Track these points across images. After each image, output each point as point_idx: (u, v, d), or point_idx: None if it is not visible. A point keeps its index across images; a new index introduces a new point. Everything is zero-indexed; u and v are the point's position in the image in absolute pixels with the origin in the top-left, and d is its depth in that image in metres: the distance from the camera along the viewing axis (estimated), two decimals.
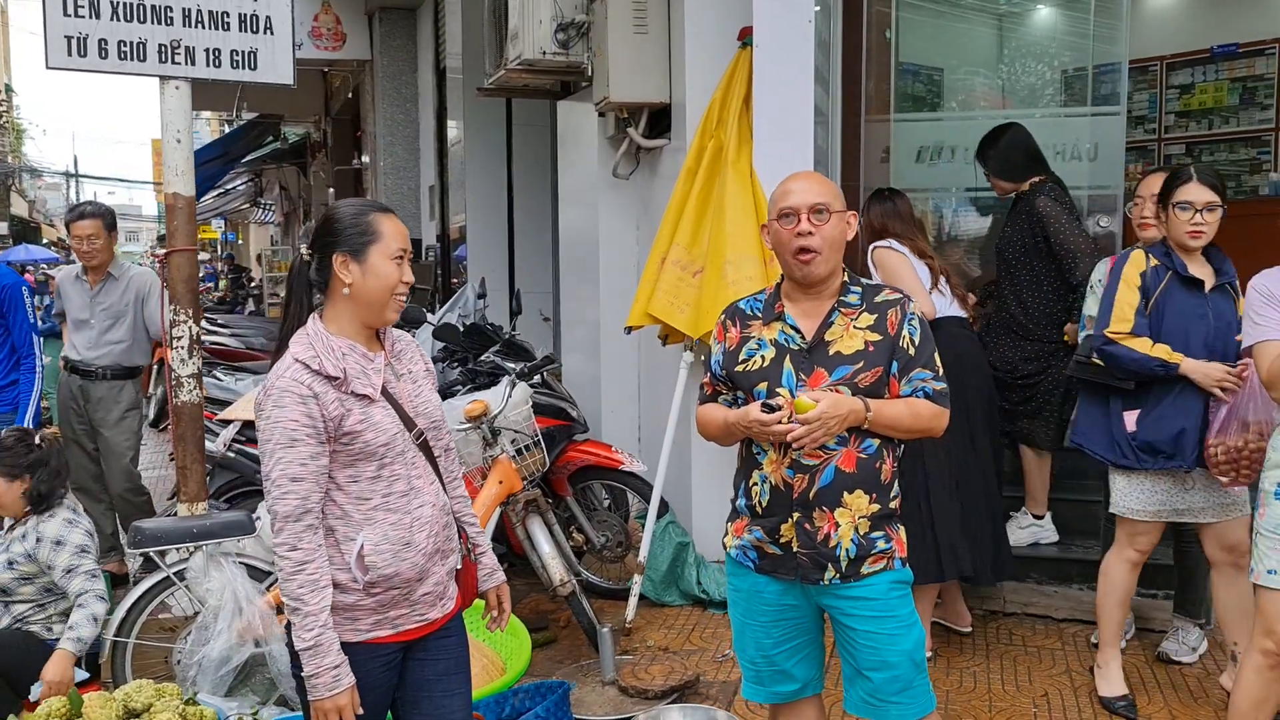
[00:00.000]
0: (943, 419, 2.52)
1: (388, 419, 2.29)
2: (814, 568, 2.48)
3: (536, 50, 5.34)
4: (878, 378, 2.46)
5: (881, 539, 2.49)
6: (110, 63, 3.81)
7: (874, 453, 2.47)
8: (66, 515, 3.68)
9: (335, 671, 2.20)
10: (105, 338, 5.21)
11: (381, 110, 11.36)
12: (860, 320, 2.50)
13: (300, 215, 21.17)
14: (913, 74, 6.26)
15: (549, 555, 4.12)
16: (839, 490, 2.45)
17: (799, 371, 2.47)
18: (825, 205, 2.46)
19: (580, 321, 6.29)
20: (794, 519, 2.48)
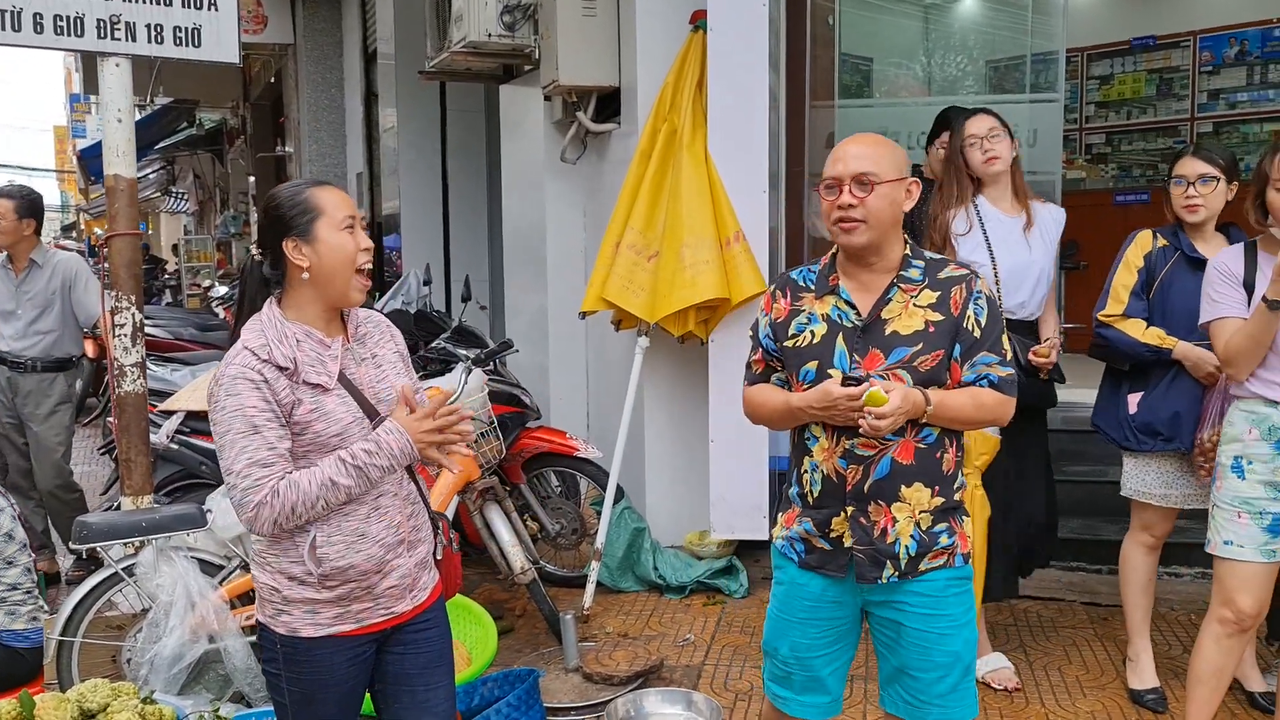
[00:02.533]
0: (1008, 408, 2.35)
1: (342, 408, 2.19)
2: (871, 565, 2.31)
3: (482, 33, 5.26)
4: (938, 361, 2.27)
5: (945, 534, 2.33)
6: (46, 37, 3.64)
7: (934, 442, 2.30)
8: None
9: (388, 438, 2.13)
10: (33, 328, 5.00)
11: (305, 96, 11.09)
12: (921, 298, 2.30)
13: (216, 204, 20.64)
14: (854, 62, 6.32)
15: (509, 544, 4.06)
16: (896, 484, 2.28)
17: (853, 352, 2.30)
18: (870, 175, 2.25)
19: (525, 309, 6.23)
20: (848, 513, 2.32)
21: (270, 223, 2.22)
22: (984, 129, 3.57)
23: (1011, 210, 3.62)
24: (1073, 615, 4.35)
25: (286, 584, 2.21)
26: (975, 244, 3.61)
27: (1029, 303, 3.60)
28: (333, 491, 2.11)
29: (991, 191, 3.64)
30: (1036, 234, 3.60)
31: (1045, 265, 3.60)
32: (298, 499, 2.09)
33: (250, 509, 2.09)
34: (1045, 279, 3.61)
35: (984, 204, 3.63)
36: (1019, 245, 3.58)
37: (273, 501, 2.08)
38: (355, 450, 2.13)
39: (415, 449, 2.15)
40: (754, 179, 4.45)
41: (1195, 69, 8.61)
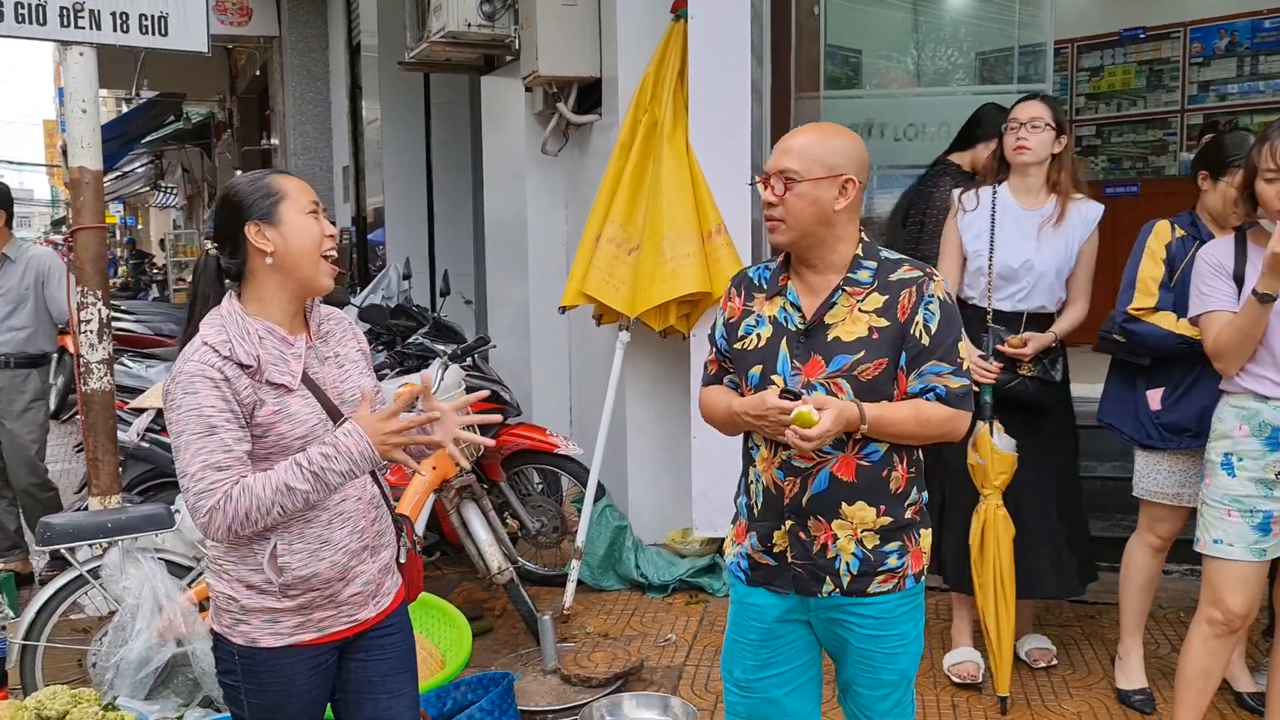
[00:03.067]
0: (959, 423, 2.17)
1: (306, 409, 2.10)
2: (810, 580, 2.21)
3: (461, 22, 5.18)
4: (881, 370, 2.13)
5: (894, 554, 2.19)
6: (6, 25, 3.54)
7: (879, 460, 2.16)
8: None
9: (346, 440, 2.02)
10: (6, 324, 4.91)
11: (291, 89, 11.00)
12: (868, 302, 2.16)
13: (204, 198, 20.49)
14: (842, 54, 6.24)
15: (486, 543, 3.99)
16: (835, 500, 2.16)
17: (794, 358, 2.17)
18: (791, 172, 2.13)
19: (507, 303, 6.14)
20: (786, 526, 2.21)
21: (230, 210, 2.12)
22: (1026, 116, 3.48)
23: (1033, 203, 3.53)
24: (1059, 613, 4.29)
25: (245, 593, 2.12)
26: (979, 229, 3.55)
27: (1024, 297, 3.52)
28: (288, 497, 2.01)
29: (1017, 181, 3.55)
30: (1055, 231, 3.49)
31: (1054, 263, 3.49)
32: (251, 504, 2.00)
33: (203, 514, 2.00)
34: (1054, 277, 3.51)
35: (1003, 191, 3.56)
36: (1026, 239, 3.50)
37: (225, 507, 1.99)
38: (312, 454, 2.03)
39: (376, 452, 2.05)
40: (736, 171, 4.37)
41: (1185, 61, 8.55)
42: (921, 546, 2.25)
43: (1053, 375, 3.51)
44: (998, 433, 3.42)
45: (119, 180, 24.15)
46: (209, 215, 2.26)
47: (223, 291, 2.17)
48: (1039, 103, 3.50)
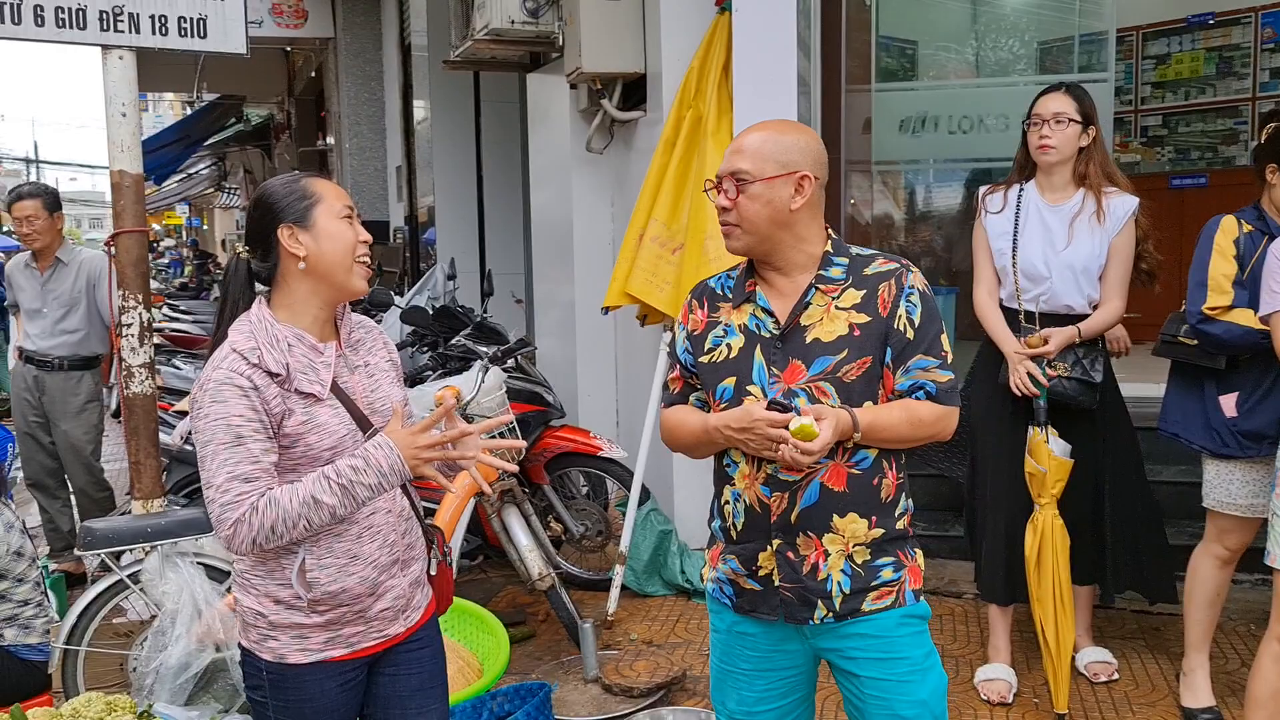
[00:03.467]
0: (950, 420, 2.07)
1: (335, 420, 2.05)
2: (800, 605, 2.06)
3: (505, 19, 5.12)
4: (866, 369, 2.02)
5: (888, 568, 2.06)
6: (48, 31, 3.56)
7: (869, 467, 2.05)
8: None
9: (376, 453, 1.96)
10: (59, 327, 4.97)
11: (345, 89, 11.07)
12: (844, 298, 2.05)
13: None
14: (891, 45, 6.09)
15: (526, 548, 3.93)
16: (826, 512, 2.03)
17: (771, 364, 2.05)
18: (743, 173, 2.03)
19: (554, 303, 6.09)
20: (773, 547, 2.07)
21: (263, 212, 2.08)
22: (1049, 111, 3.31)
23: (1060, 198, 3.37)
24: (1121, 624, 4.11)
25: (273, 608, 2.07)
26: (1003, 229, 3.41)
27: (1050, 298, 3.35)
28: (315, 511, 1.95)
29: (1043, 178, 3.40)
30: (1087, 225, 3.32)
31: (1082, 261, 3.32)
32: (278, 518, 1.94)
33: (228, 526, 1.94)
34: (1083, 275, 3.34)
35: (1030, 189, 3.41)
36: (1051, 237, 3.34)
37: (251, 520, 1.93)
38: (341, 466, 1.97)
39: (407, 467, 1.99)
40: None
41: (1256, 46, 8.22)
42: (918, 564, 2.12)
43: (1092, 376, 3.32)
44: (1053, 438, 3.28)
45: (184, 182, 24.61)
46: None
47: (253, 296, 2.12)
48: (1063, 95, 3.33)
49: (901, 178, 6.04)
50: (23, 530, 3.54)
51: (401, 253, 9.99)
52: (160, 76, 14.10)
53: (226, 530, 1.95)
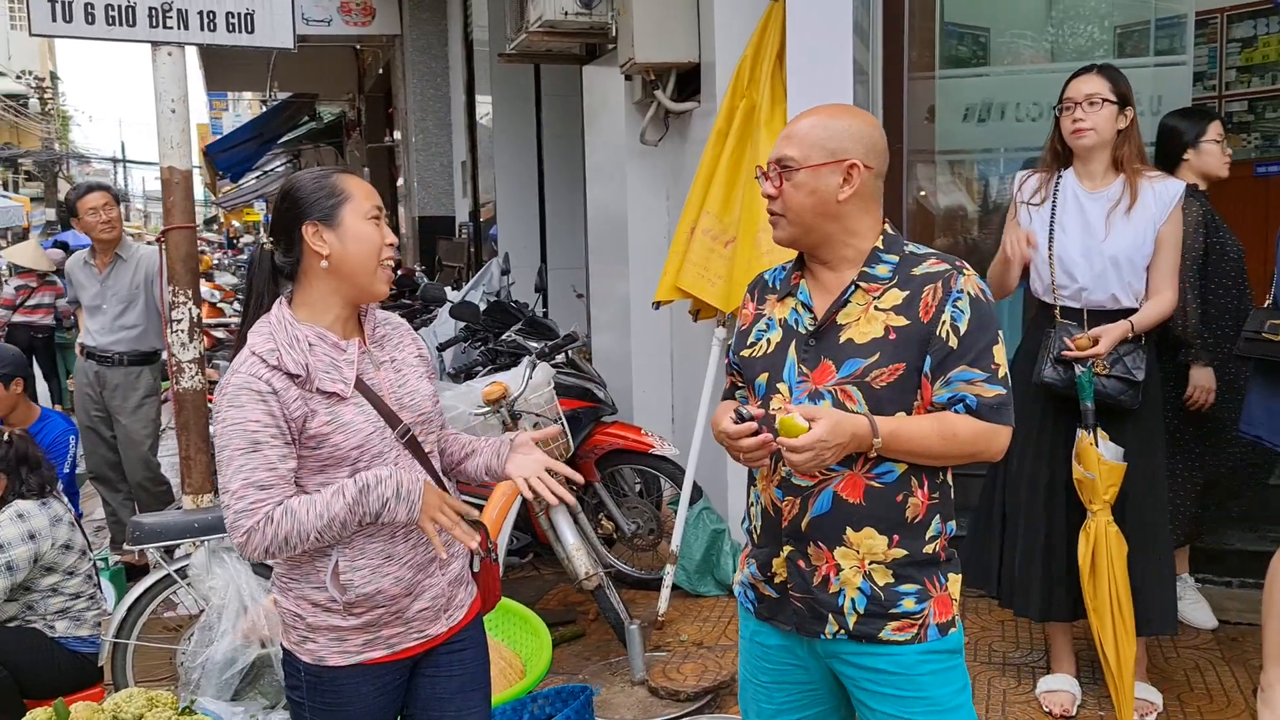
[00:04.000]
0: (995, 440, 1.89)
1: (361, 418, 2.01)
2: (811, 617, 1.95)
3: (558, 11, 5.06)
4: (898, 377, 1.87)
5: (910, 597, 1.90)
6: (98, 28, 3.58)
7: (894, 482, 1.89)
8: (15, 509, 3.44)
9: (397, 482, 1.95)
10: (118, 323, 5.04)
11: (412, 85, 11.14)
12: (886, 299, 1.90)
13: None
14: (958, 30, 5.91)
15: (574, 547, 3.86)
16: (839, 524, 1.90)
17: (802, 363, 1.94)
18: (789, 160, 1.92)
19: (611, 297, 6.02)
20: (785, 553, 1.96)
21: (289, 206, 2.04)
22: (1081, 93, 3.13)
23: (1098, 185, 3.18)
24: (1195, 634, 3.92)
25: (310, 610, 2.04)
26: (1042, 219, 3.24)
27: (1092, 290, 3.16)
28: (329, 527, 1.93)
29: (1079, 165, 3.22)
30: (1125, 215, 3.12)
31: (1123, 251, 3.12)
32: (292, 529, 1.92)
33: (241, 534, 1.92)
34: (1126, 267, 3.14)
35: (1068, 177, 3.23)
36: (1090, 227, 3.15)
37: (265, 529, 1.91)
38: (359, 484, 1.94)
39: (419, 513, 1.98)
40: None
41: None
42: (950, 593, 1.95)
43: (1133, 374, 3.11)
44: (1104, 442, 3.09)
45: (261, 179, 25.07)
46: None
47: (278, 290, 2.08)
48: (1096, 76, 3.13)
49: (968, 167, 5.86)
50: (71, 524, 3.57)
51: (466, 248, 10.01)
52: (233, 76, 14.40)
53: (240, 538, 1.93)
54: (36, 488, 3.51)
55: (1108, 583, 3.06)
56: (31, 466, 3.51)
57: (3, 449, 3.47)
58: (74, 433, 4.46)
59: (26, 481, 3.49)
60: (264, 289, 2.09)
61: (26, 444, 3.54)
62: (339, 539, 1.98)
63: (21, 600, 3.50)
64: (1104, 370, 3.12)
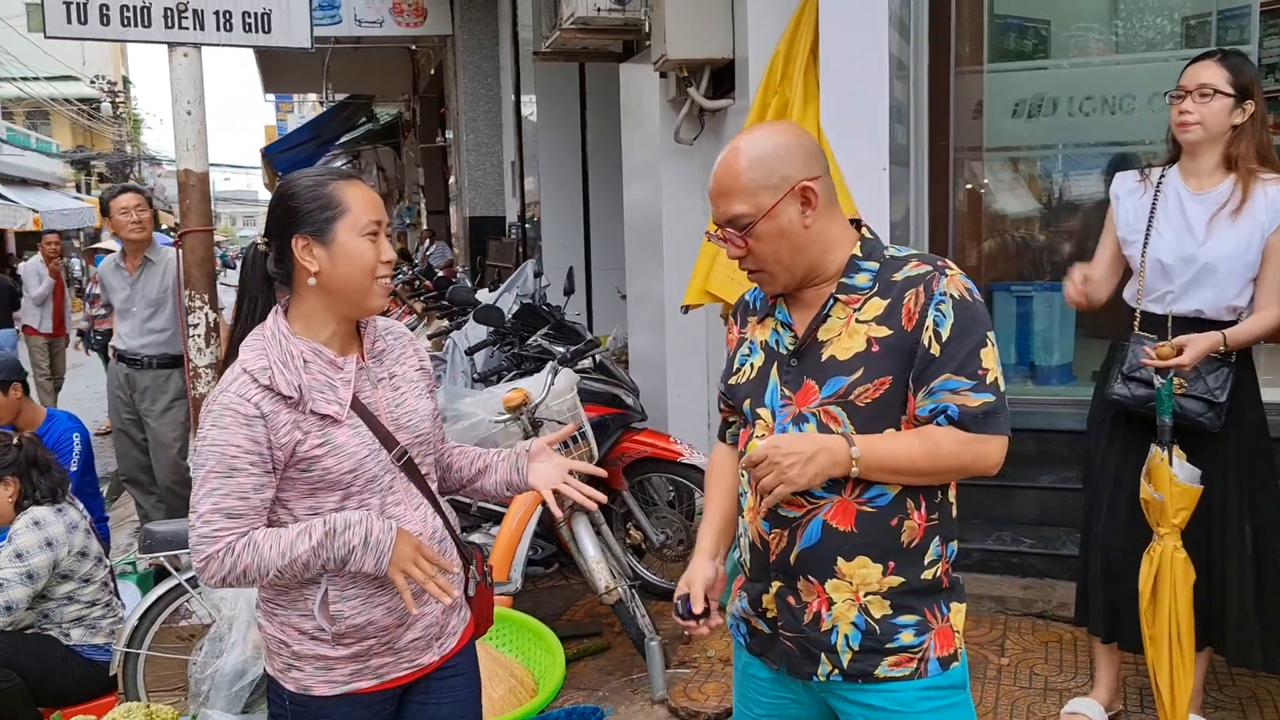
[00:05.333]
0: (985, 451, 1.73)
1: (355, 440, 1.90)
2: (803, 657, 1.81)
3: (590, 8, 4.96)
4: (884, 392, 1.73)
5: (908, 629, 1.77)
6: (113, 29, 3.54)
7: (887, 505, 1.75)
8: (31, 516, 3.42)
9: (366, 529, 1.85)
10: (147, 326, 5.04)
11: (463, 85, 11.12)
12: (866, 309, 1.76)
13: (395, 195, 21.22)
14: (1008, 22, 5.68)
15: (593, 559, 3.74)
16: (830, 555, 1.76)
17: (784, 385, 1.81)
18: (741, 216, 1.77)
19: (646, 299, 5.89)
20: (774, 589, 1.83)
21: (282, 213, 1.92)
22: (1194, 82, 2.89)
23: (1205, 185, 2.93)
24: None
25: (296, 638, 1.95)
26: (1137, 216, 3.03)
27: (1179, 297, 2.93)
28: (290, 567, 1.83)
29: (1187, 161, 2.98)
30: (1230, 220, 2.87)
31: (1224, 258, 2.86)
32: (252, 562, 1.83)
33: (200, 559, 1.84)
34: (1225, 275, 2.87)
35: (1172, 174, 3.00)
36: (1190, 229, 2.93)
37: (225, 559, 1.82)
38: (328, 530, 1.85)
39: (387, 564, 1.87)
40: (873, 156, 3.95)
41: None
42: (952, 624, 1.80)
43: (1216, 395, 2.86)
44: (1179, 462, 2.84)
45: None
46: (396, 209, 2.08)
47: (271, 294, 1.97)
48: (1213, 64, 2.88)
49: (1019, 164, 5.64)
50: (87, 530, 3.54)
51: (514, 248, 9.95)
52: (288, 78, 14.52)
53: (199, 563, 1.84)
54: (49, 492, 3.48)
55: (1169, 611, 2.83)
56: (42, 470, 3.48)
57: (12, 453, 3.45)
58: (78, 430, 4.45)
59: (39, 485, 3.46)
60: (258, 293, 1.98)
61: (35, 447, 3.52)
62: (299, 578, 1.88)
63: (38, 609, 3.48)
64: (1182, 388, 2.86)
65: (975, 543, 4.40)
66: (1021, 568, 4.33)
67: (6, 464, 3.45)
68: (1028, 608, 4.14)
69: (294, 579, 1.87)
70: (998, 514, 4.60)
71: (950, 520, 1.83)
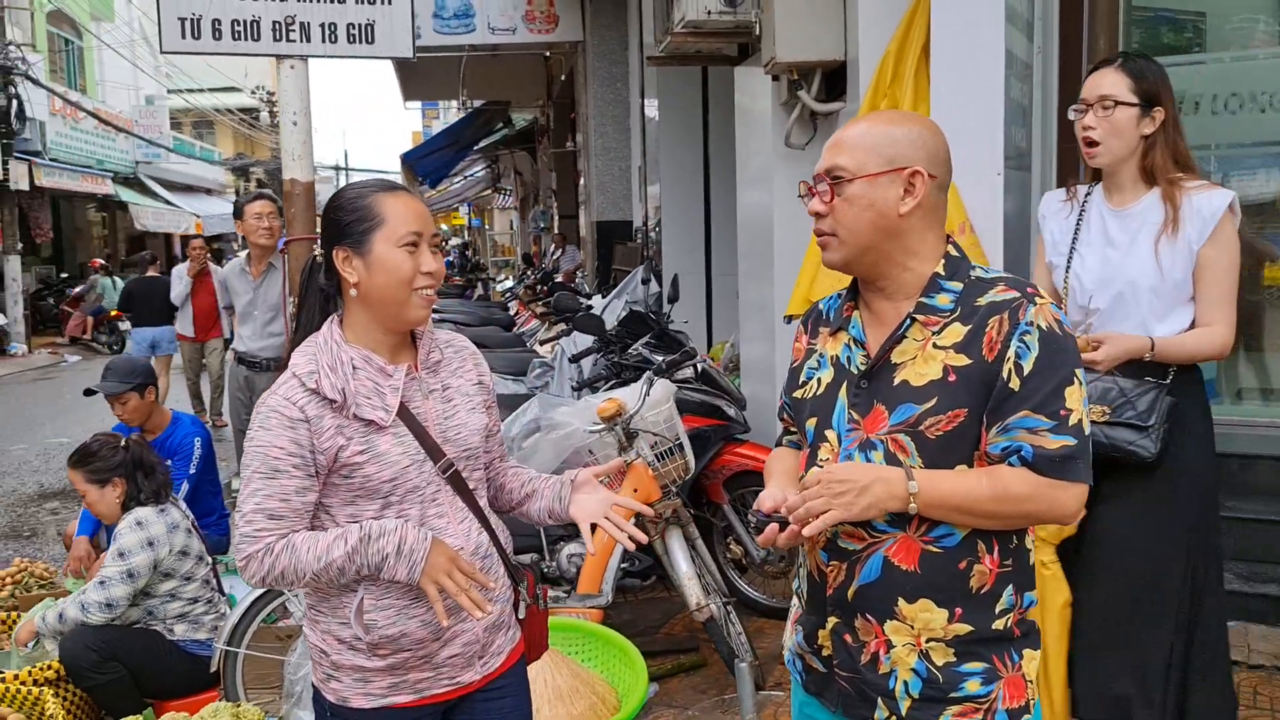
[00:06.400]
0: (1060, 500, 1.59)
1: (398, 449, 1.89)
2: (859, 699, 1.71)
3: (700, 11, 4.86)
4: (957, 425, 1.62)
5: (975, 678, 1.64)
6: (224, 44, 3.65)
7: (955, 546, 1.64)
8: (135, 517, 3.53)
9: (400, 537, 1.85)
10: (267, 329, 5.21)
11: (593, 90, 11.20)
12: (946, 335, 1.65)
13: (531, 200, 21.59)
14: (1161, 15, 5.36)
15: (685, 575, 3.67)
16: (890, 594, 1.66)
17: (852, 408, 1.71)
18: (840, 169, 1.68)
19: (757, 306, 5.77)
20: (830, 625, 1.74)
21: (327, 225, 1.96)
22: (1093, 95, 2.61)
23: (1127, 200, 2.65)
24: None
25: (335, 646, 1.95)
26: (1063, 236, 2.77)
27: (1101, 325, 2.64)
28: (326, 571, 1.84)
29: (1107, 178, 2.70)
30: (1158, 234, 2.57)
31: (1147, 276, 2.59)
32: (289, 564, 1.84)
33: (242, 558, 1.87)
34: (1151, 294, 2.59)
35: (1098, 190, 2.73)
36: (1113, 247, 2.65)
37: (264, 559, 1.85)
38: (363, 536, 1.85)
39: (420, 574, 1.86)
40: (986, 160, 3.74)
41: None
42: (1025, 673, 1.67)
43: (1143, 418, 2.51)
44: None
45: (463, 184, 25.99)
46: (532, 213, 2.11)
47: (328, 304, 1.99)
48: (1113, 71, 2.60)
49: None
50: (189, 530, 3.65)
51: (640, 253, 9.96)
52: (426, 86, 14.88)
53: (240, 561, 1.87)
54: (153, 494, 3.60)
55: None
56: (147, 472, 3.61)
57: (120, 455, 3.58)
58: (200, 434, 4.60)
59: (143, 487, 3.59)
60: (315, 303, 2.00)
61: (142, 450, 3.65)
62: (336, 584, 1.88)
63: (142, 605, 3.60)
64: (1103, 415, 2.53)
65: None
66: None
67: (115, 465, 3.59)
68: None
69: (330, 584, 1.88)
70: None
71: (1027, 567, 1.70)
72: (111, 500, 3.57)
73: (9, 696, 3.26)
